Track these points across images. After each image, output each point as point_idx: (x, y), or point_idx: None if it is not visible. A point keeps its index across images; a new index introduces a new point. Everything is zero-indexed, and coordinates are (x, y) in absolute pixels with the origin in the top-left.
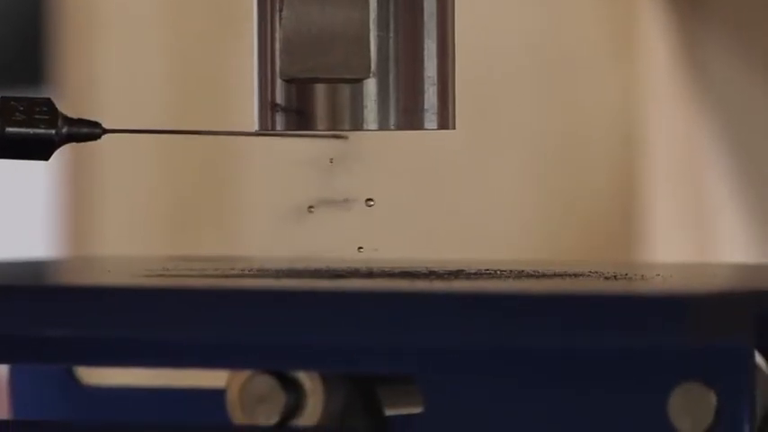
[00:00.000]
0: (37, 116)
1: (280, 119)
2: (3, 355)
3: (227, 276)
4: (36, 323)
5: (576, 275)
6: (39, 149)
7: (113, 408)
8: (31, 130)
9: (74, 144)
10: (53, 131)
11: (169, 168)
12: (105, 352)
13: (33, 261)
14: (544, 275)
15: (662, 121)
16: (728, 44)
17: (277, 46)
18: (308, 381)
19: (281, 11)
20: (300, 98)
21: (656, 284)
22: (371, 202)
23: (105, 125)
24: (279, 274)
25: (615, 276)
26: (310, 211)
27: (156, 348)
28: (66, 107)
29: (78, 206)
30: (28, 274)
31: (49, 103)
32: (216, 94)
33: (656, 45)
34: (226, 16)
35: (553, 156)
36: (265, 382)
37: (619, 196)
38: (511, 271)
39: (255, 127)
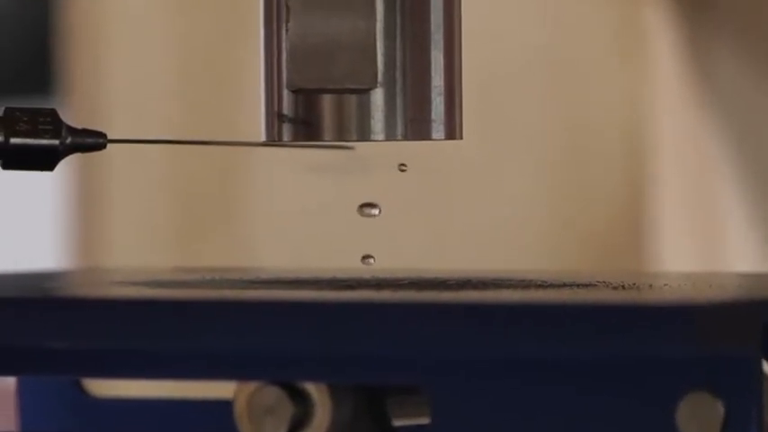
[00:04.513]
0: (41, 127)
1: (286, 129)
2: (10, 367)
3: (234, 287)
4: (43, 335)
5: (583, 285)
6: (43, 160)
7: (120, 419)
8: (35, 141)
9: (81, 154)
10: (57, 142)
11: (177, 178)
12: (113, 363)
13: (41, 272)
14: (552, 285)
15: (670, 128)
16: (736, 49)
17: (284, 57)
18: (316, 392)
19: (287, 22)
20: (307, 108)
21: (664, 294)
22: (375, 211)
23: (113, 134)
24: (286, 284)
25: (623, 286)
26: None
27: (164, 360)
28: (75, 116)
29: (86, 217)
30: (35, 285)
31: (53, 113)
32: (224, 103)
33: (663, 51)
34: (234, 26)
35: (560, 164)
36: (273, 393)
37: (626, 205)
38: (519, 281)
39: (262, 137)
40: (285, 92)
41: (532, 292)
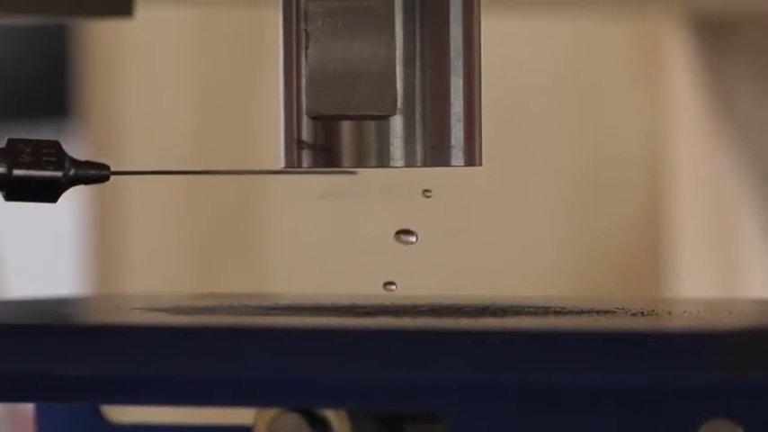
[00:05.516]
0: (45, 158)
1: (306, 156)
2: (29, 394)
3: (253, 313)
4: (61, 362)
5: (602, 312)
6: (46, 191)
7: None
8: (38, 173)
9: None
10: (60, 174)
11: (195, 205)
12: (131, 390)
13: (60, 299)
14: (571, 312)
15: (688, 154)
16: (754, 75)
17: (303, 83)
18: (336, 419)
19: (306, 48)
20: (326, 135)
21: (683, 321)
22: (412, 238)
23: (130, 159)
24: (306, 311)
25: (642, 313)
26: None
27: (183, 386)
28: (92, 140)
29: (104, 243)
30: (54, 312)
31: (56, 145)
32: (242, 129)
33: (681, 78)
34: (252, 52)
35: (579, 191)
36: (292, 420)
37: (645, 231)
38: (537, 307)
39: (281, 164)
40: (304, 118)
41: (551, 318)
